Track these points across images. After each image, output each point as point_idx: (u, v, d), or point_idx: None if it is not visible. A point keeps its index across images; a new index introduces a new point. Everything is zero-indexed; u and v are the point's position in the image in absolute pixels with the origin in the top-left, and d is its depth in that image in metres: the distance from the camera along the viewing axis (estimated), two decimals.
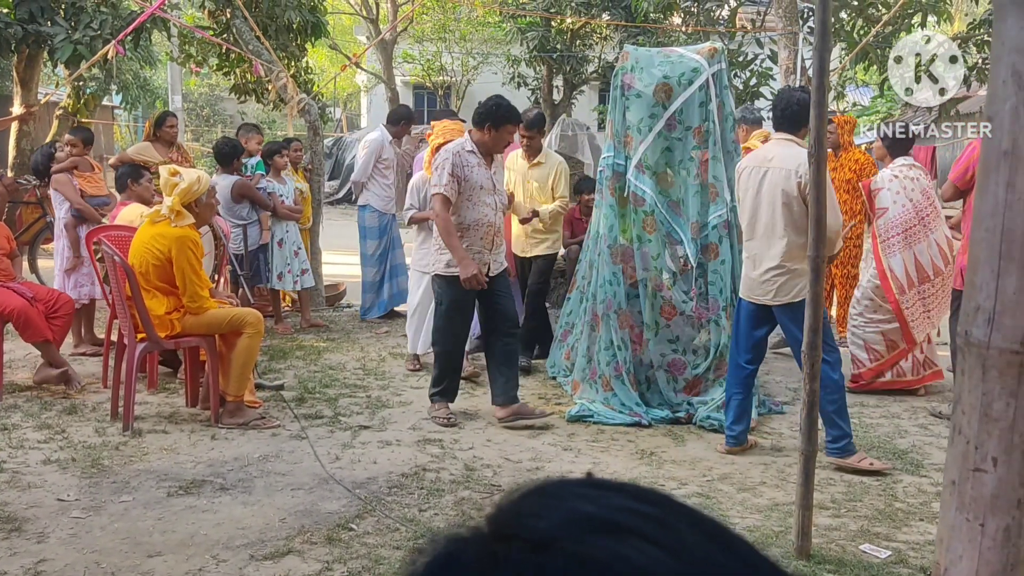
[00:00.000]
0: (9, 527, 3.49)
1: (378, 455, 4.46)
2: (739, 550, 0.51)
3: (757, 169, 4.30)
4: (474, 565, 0.49)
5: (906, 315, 5.61)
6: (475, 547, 0.50)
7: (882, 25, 8.79)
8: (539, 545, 0.48)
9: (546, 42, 16.90)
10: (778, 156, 4.24)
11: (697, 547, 0.49)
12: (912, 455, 4.65)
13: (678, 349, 5.31)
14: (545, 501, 0.51)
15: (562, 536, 0.48)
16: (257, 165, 7.38)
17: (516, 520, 0.51)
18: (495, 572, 0.48)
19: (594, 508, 0.50)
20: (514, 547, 0.48)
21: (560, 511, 0.50)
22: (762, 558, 0.51)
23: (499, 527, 0.51)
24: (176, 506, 3.75)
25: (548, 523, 0.49)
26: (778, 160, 4.22)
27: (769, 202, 4.24)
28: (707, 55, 5.34)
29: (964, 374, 1.35)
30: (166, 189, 4.74)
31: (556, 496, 0.52)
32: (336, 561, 3.27)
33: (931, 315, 5.69)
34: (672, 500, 0.53)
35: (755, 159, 4.38)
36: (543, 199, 6.09)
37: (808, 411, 3.38)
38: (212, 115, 31.27)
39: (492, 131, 4.84)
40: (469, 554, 0.50)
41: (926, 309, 5.65)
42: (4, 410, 5.00)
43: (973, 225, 1.48)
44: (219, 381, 4.82)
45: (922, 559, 3.44)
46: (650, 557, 0.47)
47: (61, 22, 8.90)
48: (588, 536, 0.48)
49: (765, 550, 0.55)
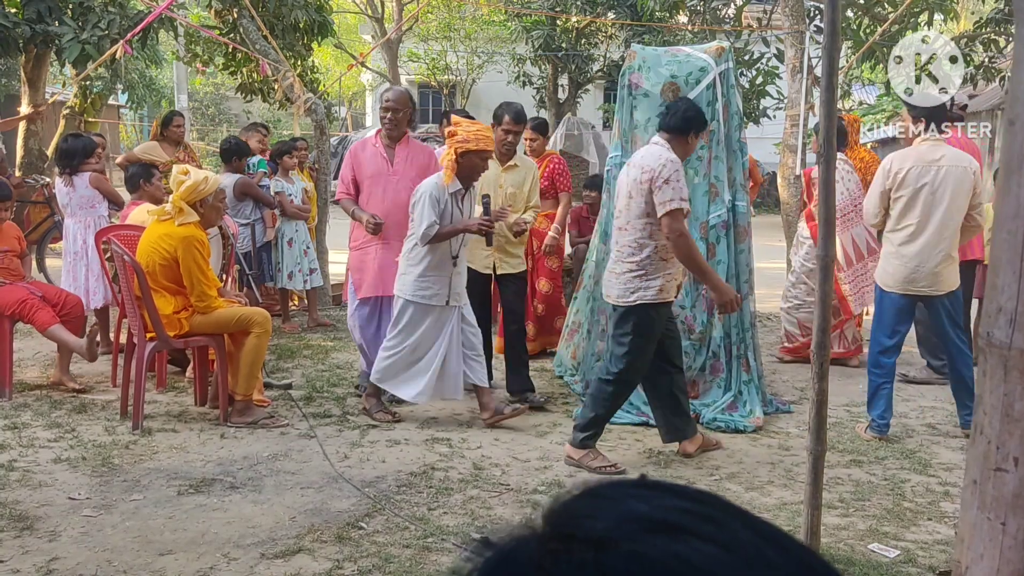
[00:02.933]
0: (21, 526, 3.51)
1: (387, 454, 4.47)
2: (793, 550, 0.51)
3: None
4: (534, 563, 0.50)
5: (844, 290, 6.17)
6: (533, 545, 0.51)
7: (889, 24, 8.78)
8: (599, 544, 0.49)
9: (551, 41, 16.91)
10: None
11: (752, 546, 0.50)
12: (920, 454, 4.65)
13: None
14: (601, 502, 0.52)
15: (621, 536, 0.49)
16: (259, 163, 7.39)
17: (573, 520, 0.51)
18: (556, 570, 0.49)
19: (649, 508, 0.51)
20: (574, 546, 0.49)
21: (617, 511, 0.51)
22: (816, 558, 0.52)
23: (556, 526, 0.52)
24: (186, 504, 3.76)
25: (606, 523, 0.50)
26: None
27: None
28: (715, 54, 5.34)
29: (986, 375, 1.36)
30: (174, 187, 4.75)
31: (611, 497, 0.53)
32: (346, 560, 3.28)
33: (864, 293, 6.18)
34: (725, 501, 0.54)
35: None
36: (517, 208, 5.45)
37: (817, 410, 3.37)
38: (217, 114, 31.33)
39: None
40: (528, 552, 0.51)
41: (861, 287, 6.18)
42: (14, 409, 5.02)
43: (995, 227, 1.48)
44: (228, 380, 4.84)
45: (931, 558, 3.44)
46: (707, 556, 0.48)
47: (69, 22, 8.93)
48: (646, 536, 0.49)
49: (818, 553, 0.55)
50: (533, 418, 5.08)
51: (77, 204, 6.31)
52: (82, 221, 6.29)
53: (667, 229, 4.07)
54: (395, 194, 5.15)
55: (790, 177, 7.93)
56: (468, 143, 4.64)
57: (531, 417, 5.12)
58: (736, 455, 4.60)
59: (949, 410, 5.51)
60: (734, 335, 5.30)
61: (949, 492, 4.15)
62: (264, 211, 7.11)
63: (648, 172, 4.10)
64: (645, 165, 4.15)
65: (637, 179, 4.15)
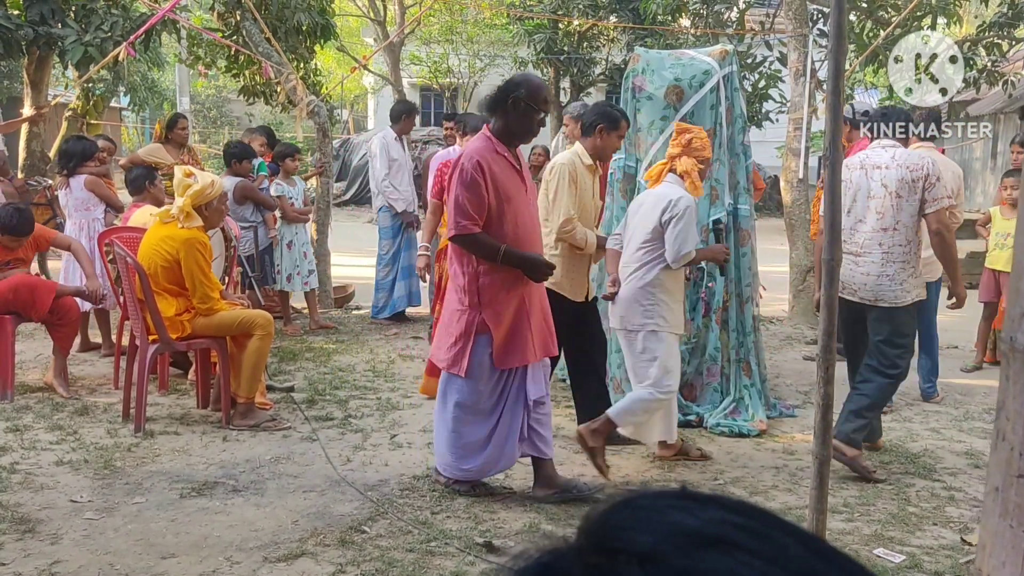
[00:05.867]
0: (23, 528, 3.50)
1: (389, 457, 4.46)
2: (841, 563, 0.50)
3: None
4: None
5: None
6: (572, 560, 0.49)
7: (893, 28, 8.77)
8: (646, 559, 0.47)
9: (553, 44, 16.91)
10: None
11: (801, 560, 0.48)
12: (924, 459, 4.63)
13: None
14: (643, 514, 0.50)
15: (669, 551, 0.47)
16: (260, 166, 7.39)
17: (614, 533, 0.49)
18: None
19: (696, 521, 0.49)
20: (620, 560, 0.47)
21: (661, 524, 0.49)
22: (862, 569, 0.51)
23: (597, 540, 0.49)
24: (189, 507, 3.75)
25: (653, 537, 0.48)
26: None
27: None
28: (718, 57, 5.33)
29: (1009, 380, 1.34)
30: (179, 190, 4.74)
31: (653, 509, 0.50)
32: (349, 563, 3.27)
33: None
34: (771, 513, 0.52)
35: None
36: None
37: (822, 415, 3.35)
38: (219, 117, 31.37)
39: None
40: (567, 567, 0.49)
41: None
42: (16, 411, 5.01)
43: (1017, 231, 1.46)
44: (230, 383, 4.82)
45: (936, 564, 3.42)
46: (758, 571, 0.46)
47: (72, 24, 8.94)
48: (696, 551, 0.47)
49: (862, 561, 0.54)
50: None
51: (73, 206, 6.36)
52: (77, 223, 6.32)
53: (939, 224, 4.30)
54: (529, 218, 3.93)
55: (793, 180, 7.92)
56: (705, 151, 4.35)
57: None
58: (740, 459, 4.59)
59: (953, 414, 5.50)
60: (734, 339, 5.28)
61: (954, 497, 4.13)
62: (265, 213, 7.11)
63: (917, 171, 4.28)
64: (910, 164, 4.30)
65: (904, 179, 4.29)
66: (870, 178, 4.40)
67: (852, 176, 4.45)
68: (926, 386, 5.79)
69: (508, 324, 3.80)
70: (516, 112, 3.79)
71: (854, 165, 4.49)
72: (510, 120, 3.81)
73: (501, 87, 3.89)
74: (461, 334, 3.82)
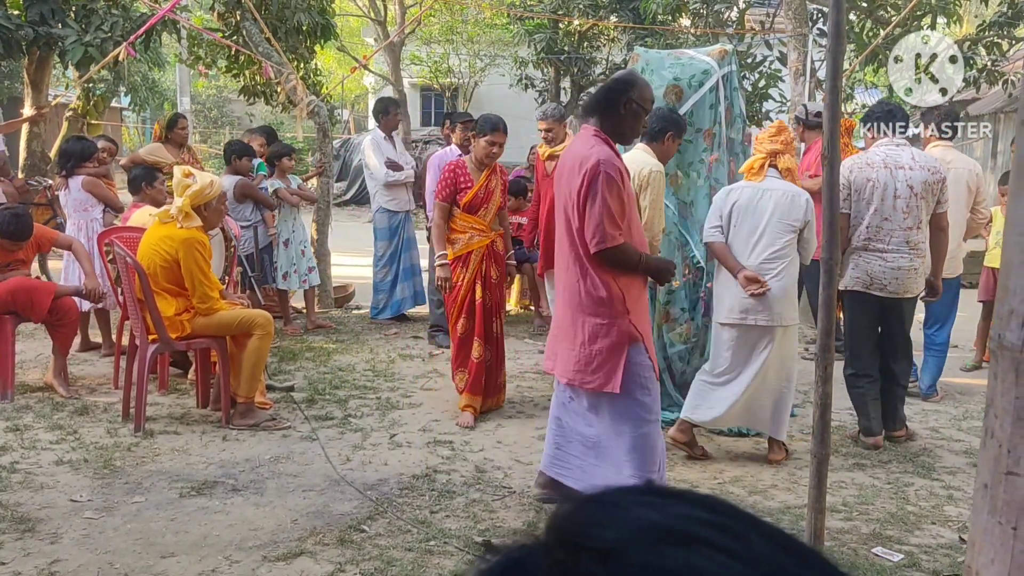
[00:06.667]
0: (22, 527, 3.50)
1: (389, 457, 4.47)
2: (811, 560, 0.49)
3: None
4: (541, 574, 0.48)
5: None
6: (540, 556, 0.49)
7: (892, 27, 8.77)
8: (608, 555, 0.46)
9: (554, 44, 16.90)
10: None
11: (770, 558, 0.48)
12: (923, 458, 4.64)
13: (669, 356, 5.31)
14: (607, 510, 0.50)
15: (632, 546, 0.47)
16: (259, 166, 7.40)
17: (580, 529, 0.49)
18: None
19: (661, 517, 0.49)
20: (583, 557, 0.47)
21: (626, 520, 0.49)
22: (834, 568, 0.50)
23: (562, 536, 0.49)
24: (188, 507, 3.75)
25: (616, 533, 0.48)
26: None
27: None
28: (718, 57, 5.34)
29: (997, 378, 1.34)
30: (178, 190, 4.75)
31: (618, 505, 0.50)
32: (348, 563, 3.28)
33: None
34: (737, 508, 0.51)
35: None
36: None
37: (820, 414, 3.36)
38: (220, 117, 31.37)
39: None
40: (534, 563, 0.48)
41: None
42: (16, 410, 5.02)
43: (1006, 229, 1.47)
44: (230, 382, 4.83)
45: (935, 562, 3.43)
46: (723, 567, 0.46)
47: (72, 24, 8.94)
48: (658, 546, 0.47)
49: (837, 562, 0.54)
50: (535, 420, 5.07)
51: (71, 206, 6.37)
52: (76, 224, 6.34)
53: (944, 223, 4.72)
54: (637, 219, 3.98)
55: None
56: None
57: (533, 419, 5.11)
58: (739, 459, 4.59)
59: (952, 414, 5.50)
60: None
61: (953, 496, 4.13)
62: (265, 212, 7.12)
63: (937, 175, 4.63)
64: (930, 167, 4.63)
65: (927, 181, 4.59)
66: (895, 178, 4.59)
67: (876, 175, 4.61)
68: (925, 386, 5.82)
69: (648, 330, 3.68)
70: (629, 114, 3.63)
71: (877, 164, 4.64)
72: (622, 122, 3.64)
73: (610, 88, 3.70)
74: (612, 346, 3.53)
